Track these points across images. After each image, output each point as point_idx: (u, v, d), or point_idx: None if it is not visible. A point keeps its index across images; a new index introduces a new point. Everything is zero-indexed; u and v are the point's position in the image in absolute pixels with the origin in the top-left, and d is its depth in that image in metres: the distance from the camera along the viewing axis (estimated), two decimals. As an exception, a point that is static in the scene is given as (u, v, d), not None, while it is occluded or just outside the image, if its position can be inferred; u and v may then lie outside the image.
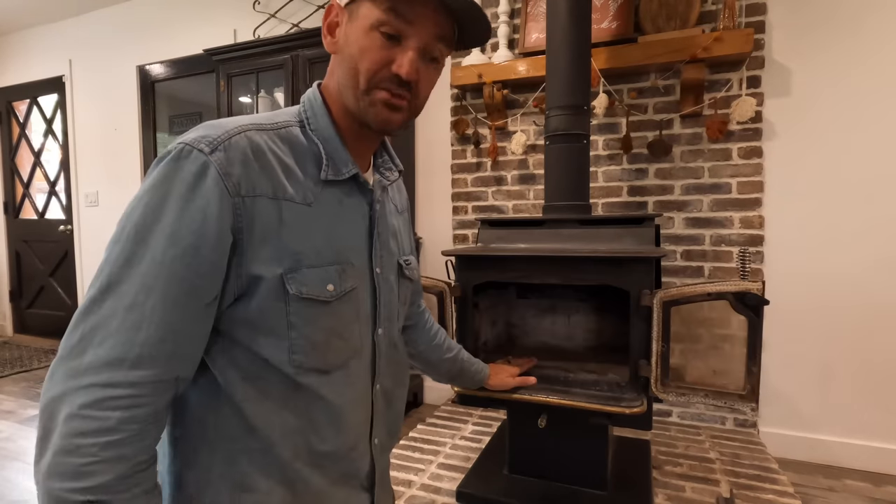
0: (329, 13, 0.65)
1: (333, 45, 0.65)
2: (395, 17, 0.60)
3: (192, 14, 3.15)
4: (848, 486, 1.76)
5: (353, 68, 0.62)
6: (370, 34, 0.61)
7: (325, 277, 0.62)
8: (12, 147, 4.06)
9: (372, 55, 0.61)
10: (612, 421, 1.38)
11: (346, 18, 0.63)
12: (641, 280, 1.29)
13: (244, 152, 0.56)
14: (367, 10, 0.60)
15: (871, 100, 1.82)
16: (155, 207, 0.52)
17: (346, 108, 0.66)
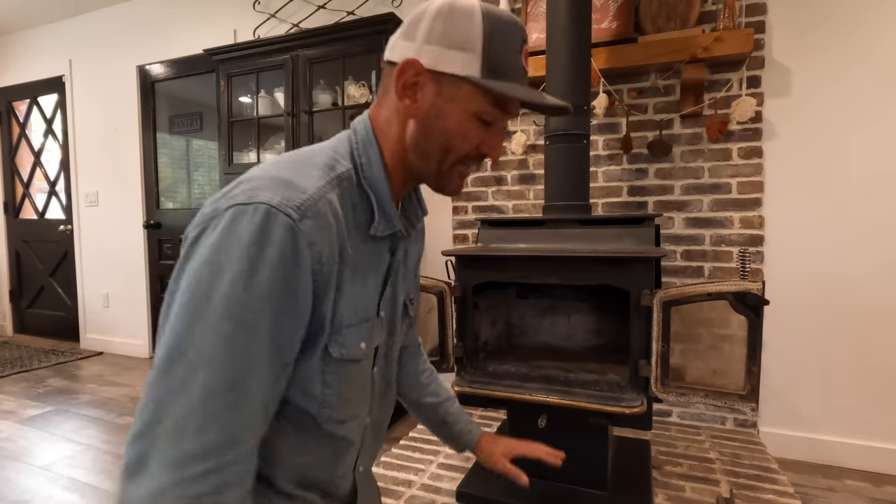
0: (407, 71, 0.60)
1: (414, 109, 0.62)
2: (499, 111, 0.62)
3: (192, 14, 3.15)
4: (848, 486, 1.76)
5: (445, 144, 0.63)
6: (471, 119, 0.62)
7: (359, 336, 0.63)
8: (12, 147, 4.06)
9: (470, 140, 0.63)
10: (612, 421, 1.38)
11: (435, 89, 0.61)
12: (641, 280, 1.29)
13: (327, 219, 0.55)
14: (471, 96, 0.60)
15: (871, 99, 1.82)
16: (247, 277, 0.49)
17: (408, 164, 0.65)
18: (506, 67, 0.60)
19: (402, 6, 2.52)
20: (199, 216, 0.55)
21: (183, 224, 3.30)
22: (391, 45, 0.64)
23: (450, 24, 0.59)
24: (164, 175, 3.43)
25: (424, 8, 0.62)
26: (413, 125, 0.63)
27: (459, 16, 0.59)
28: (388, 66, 0.64)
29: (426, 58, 0.60)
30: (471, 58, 0.59)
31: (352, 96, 2.46)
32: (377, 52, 2.30)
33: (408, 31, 0.62)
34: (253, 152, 2.70)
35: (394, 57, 0.63)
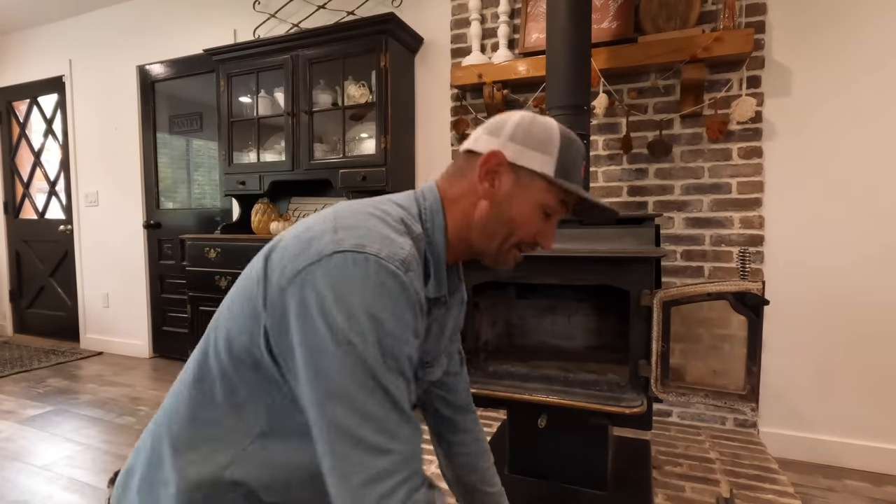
0: (492, 159, 0.70)
1: (490, 192, 0.71)
2: (560, 206, 0.74)
3: (192, 14, 3.15)
4: (848, 486, 1.76)
5: (509, 228, 0.72)
6: (537, 210, 0.73)
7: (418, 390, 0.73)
8: (12, 147, 4.06)
9: (532, 228, 0.73)
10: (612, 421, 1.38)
11: (512, 178, 0.71)
12: (641, 280, 1.30)
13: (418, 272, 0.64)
14: (541, 190, 0.72)
15: (871, 99, 1.82)
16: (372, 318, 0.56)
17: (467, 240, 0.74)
18: (571, 173, 0.73)
19: (402, 6, 2.52)
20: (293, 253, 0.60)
21: (183, 224, 3.30)
22: (475, 138, 0.74)
23: (532, 130, 0.72)
24: (164, 175, 3.43)
25: (508, 116, 0.74)
26: (486, 206, 0.72)
27: (541, 126, 0.72)
28: (466, 154, 0.75)
29: (509, 152, 0.71)
30: (547, 159, 0.71)
31: (352, 96, 2.46)
32: (377, 52, 2.30)
33: (492, 130, 0.73)
34: (253, 152, 2.70)
35: (476, 147, 0.73)
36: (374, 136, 2.42)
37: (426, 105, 2.54)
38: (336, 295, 0.56)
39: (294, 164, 2.51)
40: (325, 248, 0.58)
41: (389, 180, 2.32)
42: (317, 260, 0.58)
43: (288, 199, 2.83)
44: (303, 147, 2.49)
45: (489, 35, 2.36)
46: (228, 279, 2.46)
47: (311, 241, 0.60)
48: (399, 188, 2.41)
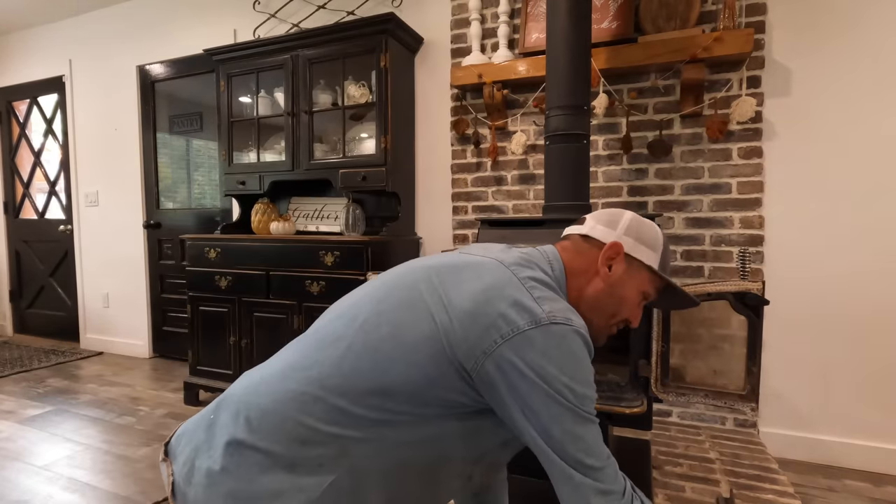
0: (614, 249, 0.84)
1: (607, 277, 0.84)
2: (653, 292, 0.88)
3: (192, 14, 3.15)
4: (848, 486, 1.76)
5: (616, 308, 0.85)
6: (639, 296, 0.87)
7: None
8: (12, 147, 4.06)
9: (632, 311, 0.87)
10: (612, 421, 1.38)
11: (625, 267, 0.84)
12: (641, 280, 1.29)
13: None
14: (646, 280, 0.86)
15: (871, 99, 1.82)
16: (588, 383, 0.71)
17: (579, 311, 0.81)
18: (667, 268, 0.88)
19: (402, 6, 2.52)
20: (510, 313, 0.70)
21: (183, 224, 3.30)
22: (590, 227, 0.88)
23: (643, 229, 0.87)
24: (164, 175, 3.43)
25: (620, 213, 0.89)
26: (600, 286, 0.84)
27: (649, 226, 0.88)
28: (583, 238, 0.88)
29: (626, 245, 0.85)
30: (654, 255, 0.86)
31: (352, 96, 2.46)
32: (377, 52, 2.30)
33: (608, 223, 0.87)
34: (253, 152, 2.70)
35: (594, 234, 0.87)
36: (374, 136, 2.42)
37: (426, 105, 2.54)
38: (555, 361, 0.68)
39: (294, 164, 2.51)
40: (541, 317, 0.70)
41: (389, 180, 2.32)
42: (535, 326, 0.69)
43: (288, 199, 2.83)
44: (303, 147, 2.49)
45: (489, 35, 2.36)
46: (228, 279, 2.46)
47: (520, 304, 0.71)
48: (399, 188, 2.41)
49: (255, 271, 2.40)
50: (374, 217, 2.60)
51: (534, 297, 0.72)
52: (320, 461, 0.69)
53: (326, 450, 0.69)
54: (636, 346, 1.31)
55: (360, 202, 2.58)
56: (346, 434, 0.69)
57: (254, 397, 0.73)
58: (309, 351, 0.76)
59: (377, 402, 0.70)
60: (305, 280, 2.27)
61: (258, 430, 0.70)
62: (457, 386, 0.70)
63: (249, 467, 0.68)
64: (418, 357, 0.70)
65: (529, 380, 0.67)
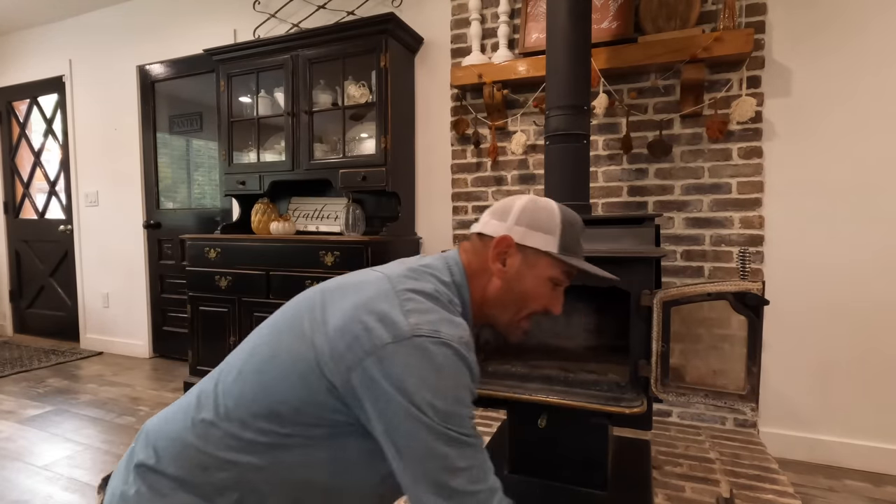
0: (503, 244, 0.80)
1: (502, 272, 0.81)
2: (565, 277, 0.84)
3: (192, 14, 3.15)
4: (848, 486, 1.76)
5: (523, 301, 0.82)
6: (545, 284, 0.82)
7: None
8: (12, 147, 4.06)
9: (542, 300, 0.83)
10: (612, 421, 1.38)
11: (520, 259, 0.81)
12: (641, 280, 1.29)
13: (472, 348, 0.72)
14: (547, 266, 0.81)
15: (871, 100, 1.82)
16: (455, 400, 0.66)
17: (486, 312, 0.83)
18: (573, 247, 0.83)
19: (402, 6, 2.52)
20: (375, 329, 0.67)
21: (183, 224, 3.30)
22: (483, 223, 0.85)
23: (536, 214, 0.81)
24: (164, 175, 3.43)
25: (512, 201, 0.84)
26: (498, 283, 0.81)
27: (543, 209, 0.82)
28: (476, 237, 0.85)
29: (516, 235, 0.81)
30: (551, 238, 0.81)
31: (352, 96, 2.46)
32: (377, 52, 2.30)
33: (499, 215, 0.84)
34: (253, 152, 2.70)
35: (486, 231, 0.83)
36: (374, 136, 2.42)
37: (426, 105, 2.54)
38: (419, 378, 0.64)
39: (294, 164, 2.51)
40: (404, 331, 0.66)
41: (389, 180, 2.32)
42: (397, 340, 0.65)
43: (288, 199, 2.83)
44: (303, 147, 2.49)
45: (489, 35, 2.36)
46: (228, 279, 2.46)
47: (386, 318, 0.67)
48: (399, 188, 2.41)
49: (255, 271, 2.41)
50: (374, 217, 2.60)
51: (404, 309, 0.69)
52: (224, 484, 0.70)
53: (228, 474, 0.70)
54: (636, 346, 1.31)
55: (360, 202, 2.58)
56: (242, 460, 0.70)
57: (163, 425, 0.77)
58: (214, 378, 0.78)
59: (266, 425, 0.69)
60: (305, 280, 2.27)
61: (164, 457, 0.72)
62: (331, 404, 0.68)
63: (158, 491, 0.71)
64: (294, 377, 0.69)
65: (389, 395, 0.64)
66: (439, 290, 0.75)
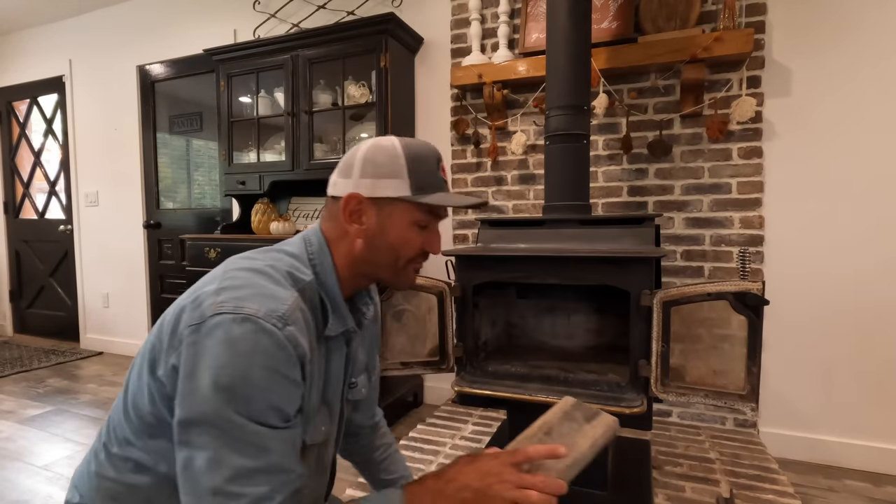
0: (350, 202, 0.74)
1: (361, 231, 0.75)
2: (431, 217, 0.77)
3: (192, 14, 3.15)
4: (848, 486, 1.76)
5: (393, 253, 0.76)
6: (411, 228, 0.76)
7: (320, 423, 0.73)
8: (12, 147, 4.06)
9: (413, 244, 0.77)
10: (612, 421, 1.38)
11: (376, 212, 0.74)
12: (641, 280, 1.29)
13: (302, 325, 0.65)
14: (406, 211, 0.75)
15: (871, 99, 1.82)
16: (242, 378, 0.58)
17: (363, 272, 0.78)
18: (428, 184, 0.75)
19: (402, 6, 2.52)
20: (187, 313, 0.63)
21: (183, 224, 3.30)
22: (332, 183, 0.77)
23: (378, 161, 0.74)
24: (164, 175, 3.43)
25: (353, 152, 0.76)
26: (361, 243, 0.75)
27: (384, 153, 0.74)
28: (331, 200, 0.78)
29: (363, 189, 0.73)
30: (400, 182, 0.73)
31: (352, 96, 2.46)
32: (377, 52, 2.30)
33: (344, 171, 0.76)
34: (253, 152, 2.70)
35: (336, 192, 0.76)
36: (374, 136, 2.41)
37: (426, 105, 2.54)
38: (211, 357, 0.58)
39: (294, 164, 2.51)
40: (206, 311, 0.61)
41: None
42: (200, 323, 0.61)
43: (288, 199, 2.83)
44: (303, 147, 2.48)
45: (489, 35, 2.36)
46: (228, 279, 2.46)
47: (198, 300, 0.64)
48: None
49: (255, 271, 2.40)
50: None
51: (218, 289, 0.64)
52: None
53: (136, 498, 0.68)
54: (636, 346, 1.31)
55: (360, 202, 2.58)
56: (141, 481, 0.68)
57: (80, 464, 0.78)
58: None
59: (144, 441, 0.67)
60: (305, 280, 2.27)
61: (82, 492, 0.73)
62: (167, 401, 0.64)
63: None
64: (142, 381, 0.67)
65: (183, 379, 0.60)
66: (276, 265, 0.70)
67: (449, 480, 0.64)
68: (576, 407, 0.81)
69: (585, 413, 0.81)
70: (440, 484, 0.64)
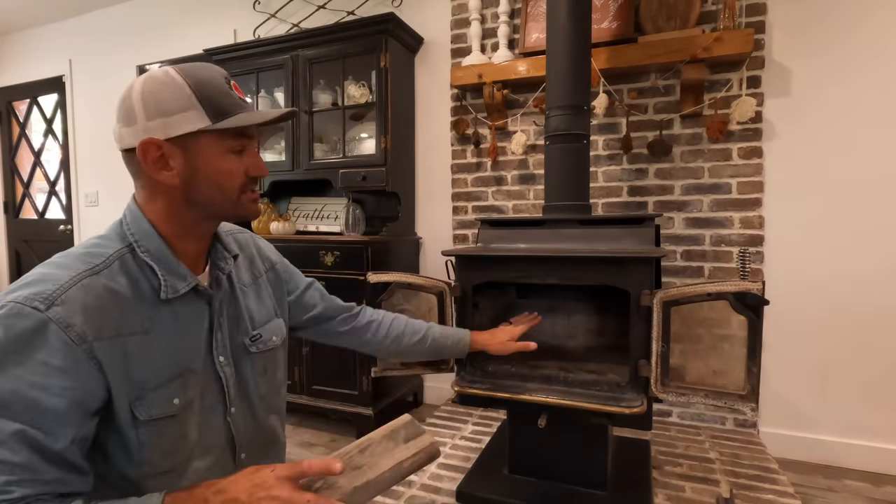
0: (148, 150, 0.66)
1: (173, 177, 0.68)
2: (242, 139, 0.71)
3: (192, 14, 3.15)
4: (848, 486, 1.76)
5: (217, 188, 0.70)
6: (226, 158, 0.70)
7: (169, 394, 0.68)
8: (12, 147, 4.06)
9: (237, 174, 0.71)
10: (612, 421, 1.38)
11: (180, 152, 0.67)
12: (641, 280, 1.29)
13: (82, 302, 0.61)
14: (213, 141, 0.69)
15: (871, 100, 1.82)
16: None
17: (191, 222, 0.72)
18: (225, 106, 0.69)
19: (402, 6, 2.52)
20: None
21: (183, 224, 3.30)
22: (118, 137, 0.69)
23: (160, 96, 0.66)
24: (164, 175, 3.43)
25: (127, 94, 0.68)
26: (180, 188, 0.69)
27: (164, 87, 0.66)
28: (125, 155, 0.70)
29: (157, 132, 0.66)
30: (193, 114, 0.67)
31: (352, 96, 2.46)
32: (377, 52, 2.30)
33: (126, 119, 0.68)
34: (253, 152, 2.70)
35: (125, 145, 0.68)
36: (374, 136, 2.42)
37: (426, 105, 2.54)
38: None
39: (294, 164, 2.51)
40: None
41: (389, 180, 2.32)
42: None
43: (288, 199, 2.83)
44: (303, 147, 2.49)
45: (489, 35, 2.36)
46: (228, 279, 2.46)
47: None
48: (399, 188, 2.41)
49: (255, 271, 2.40)
50: (374, 217, 2.60)
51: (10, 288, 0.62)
52: None
53: None
54: (636, 346, 1.31)
55: (360, 202, 2.58)
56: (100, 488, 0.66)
57: None
58: None
59: None
60: (305, 280, 2.27)
61: None
62: None
63: None
64: None
65: None
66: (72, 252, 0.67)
67: (218, 491, 0.62)
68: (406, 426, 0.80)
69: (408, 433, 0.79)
70: (208, 493, 0.61)
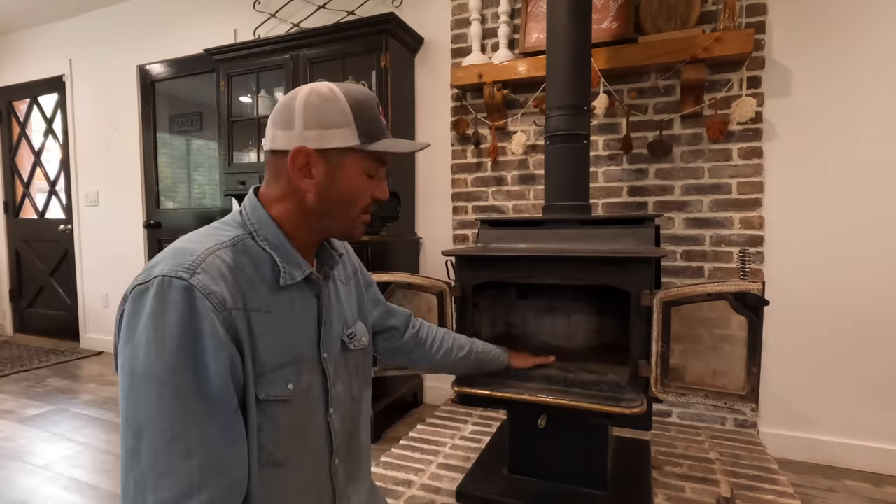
0: (298, 156, 0.71)
1: (312, 185, 0.73)
2: (379, 164, 0.77)
3: (192, 14, 3.15)
4: (848, 487, 1.76)
5: (347, 204, 0.75)
6: (361, 178, 0.75)
7: (285, 378, 0.70)
8: (12, 147, 4.06)
9: (365, 195, 0.77)
10: (612, 421, 1.38)
11: (325, 164, 0.72)
12: (641, 280, 1.29)
13: (220, 270, 0.64)
14: (356, 161, 0.74)
15: (871, 100, 1.82)
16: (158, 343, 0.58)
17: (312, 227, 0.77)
18: (374, 130, 0.74)
19: (402, 6, 2.52)
20: None
21: (183, 224, 3.30)
22: (271, 137, 0.74)
23: (321, 110, 0.71)
24: (164, 175, 3.43)
25: (290, 101, 0.73)
26: (313, 197, 0.74)
27: (326, 101, 0.71)
28: (271, 155, 0.75)
29: (311, 142, 0.71)
30: (348, 132, 0.72)
31: (352, 96, 2.46)
32: (377, 52, 2.30)
33: (284, 123, 0.72)
34: (253, 152, 2.70)
35: (276, 146, 0.73)
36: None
37: (426, 105, 2.54)
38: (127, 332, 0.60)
39: (294, 163, 2.51)
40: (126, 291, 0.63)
41: (389, 180, 2.32)
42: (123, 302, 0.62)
43: (288, 199, 2.83)
44: (303, 147, 2.48)
45: (489, 35, 2.36)
46: (228, 279, 2.46)
47: None
48: (399, 188, 2.41)
49: (255, 271, 2.40)
50: (374, 217, 2.59)
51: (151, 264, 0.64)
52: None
53: None
54: (636, 347, 1.31)
55: (360, 202, 2.58)
56: None
57: None
58: None
59: None
60: (305, 280, 2.27)
61: None
62: None
63: None
64: None
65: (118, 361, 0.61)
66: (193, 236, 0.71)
67: None
68: None
69: None
70: None
